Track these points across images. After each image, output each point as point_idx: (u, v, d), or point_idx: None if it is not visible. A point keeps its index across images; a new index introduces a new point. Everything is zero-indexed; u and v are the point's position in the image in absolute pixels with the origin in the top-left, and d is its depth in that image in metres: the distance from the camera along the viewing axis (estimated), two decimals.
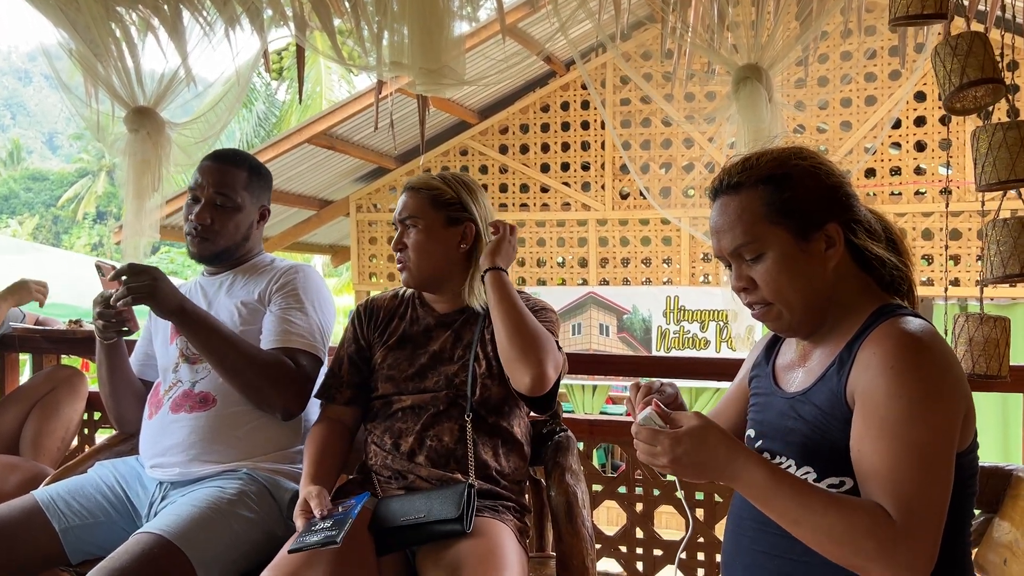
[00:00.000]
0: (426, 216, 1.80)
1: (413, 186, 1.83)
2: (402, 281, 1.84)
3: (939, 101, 6.69)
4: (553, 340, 1.71)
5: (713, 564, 2.26)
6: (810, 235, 1.23)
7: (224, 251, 2.02)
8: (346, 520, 1.49)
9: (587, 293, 7.59)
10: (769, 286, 1.24)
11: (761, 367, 1.42)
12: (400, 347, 1.83)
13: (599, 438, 2.47)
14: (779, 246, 1.23)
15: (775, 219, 1.23)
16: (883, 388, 1.12)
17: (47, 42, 11.25)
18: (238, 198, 2.00)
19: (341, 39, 2.79)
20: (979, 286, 1.88)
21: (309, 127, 7.11)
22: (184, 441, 1.85)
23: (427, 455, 1.72)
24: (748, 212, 1.24)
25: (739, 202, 1.25)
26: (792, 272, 1.23)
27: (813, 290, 1.24)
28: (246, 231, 2.05)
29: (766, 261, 1.23)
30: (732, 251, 1.26)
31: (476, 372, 1.75)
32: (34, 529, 1.77)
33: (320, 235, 9.44)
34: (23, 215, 30.72)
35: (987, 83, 1.67)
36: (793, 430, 1.26)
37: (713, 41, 2.49)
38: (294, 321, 1.91)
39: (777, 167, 1.25)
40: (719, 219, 1.27)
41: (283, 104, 16.47)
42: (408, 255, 1.81)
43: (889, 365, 1.13)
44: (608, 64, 7.40)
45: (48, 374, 2.69)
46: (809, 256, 1.23)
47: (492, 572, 1.47)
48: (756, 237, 1.23)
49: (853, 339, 1.22)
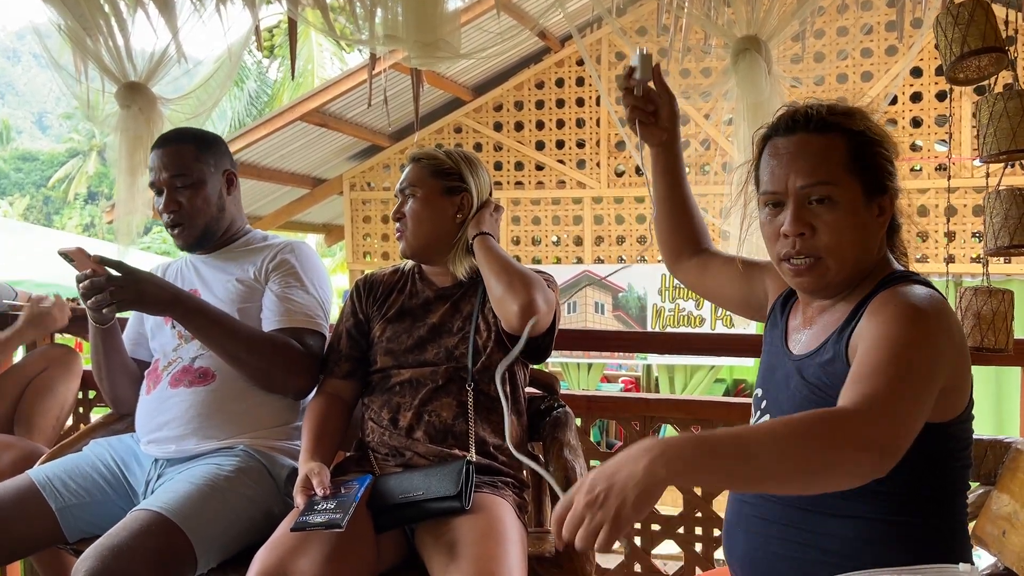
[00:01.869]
0: (424, 185, 1.82)
1: (416, 156, 1.86)
2: (400, 251, 1.85)
3: (935, 77, 6.66)
4: (544, 282, 1.73)
5: (711, 539, 2.27)
6: (874, 197, 1.23)
7: (206, 230, 1.98)
8: (350, 503, 1.49)
9: (582, 271, 7.58)
10: (832, 236, 1.21)
11: (776, 319, 1.41)
12: (399, 320, 1.83)
13: (597, 414, 2.47)
14: (851, 197, 1.21)
15: (855, 169, 1.21)
16: (879, 321, 1.13)
17: (36, 20, 11.16)
18: (194, 172, 1.94)
19: (333, 15, 2.75)
20: (984, 260, 1.87)
21: (302, 104, 7.05)
22: (182, 416, 1.84)
23: (425, 431, 1.71)
24: (834, 153, 1.21)
25: (825, 142, 1.22)
26: (857, 228, 1.22)
27: (865, 250, 1.24)
28: (218, 202, 1.99)
29: (836, 209, 1.20)
30: (802, 187, 1.21)
31: (477, 344, 1.75)
32: (30, 509, 1.76)
33: (313, 214, 9.40)
34: (13, 196, 30.52)
35: (989, 52, 1.65)
36: (795, 391, 1.26)
37: (710, 15, 2.46)
38: (296, 299, 1.90)
39: (866, 121, 1.24)
40: (796, 153, 1.23)
41: (275, 82, 16.34)
42: (406, 224, 1.82)
43: (890, 309, 1.14)
44: (603, 40, 7.35)
45: (42, 353, 2.67)
46: (870, 217, 1.23)
47: (492, 548, 1.47)
48: (834, 180, 1.20)
49: (860, 303, 1.22)
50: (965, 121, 6.33)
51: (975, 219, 6.55)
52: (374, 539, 1.58)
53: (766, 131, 1.30)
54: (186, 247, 2.01)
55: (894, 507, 1.17)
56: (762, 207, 1.29)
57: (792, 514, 1.22)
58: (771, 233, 1.27)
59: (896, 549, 1.17)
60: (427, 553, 1.56)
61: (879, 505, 1.17)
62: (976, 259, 6.39)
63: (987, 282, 1.80)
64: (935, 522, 1.18)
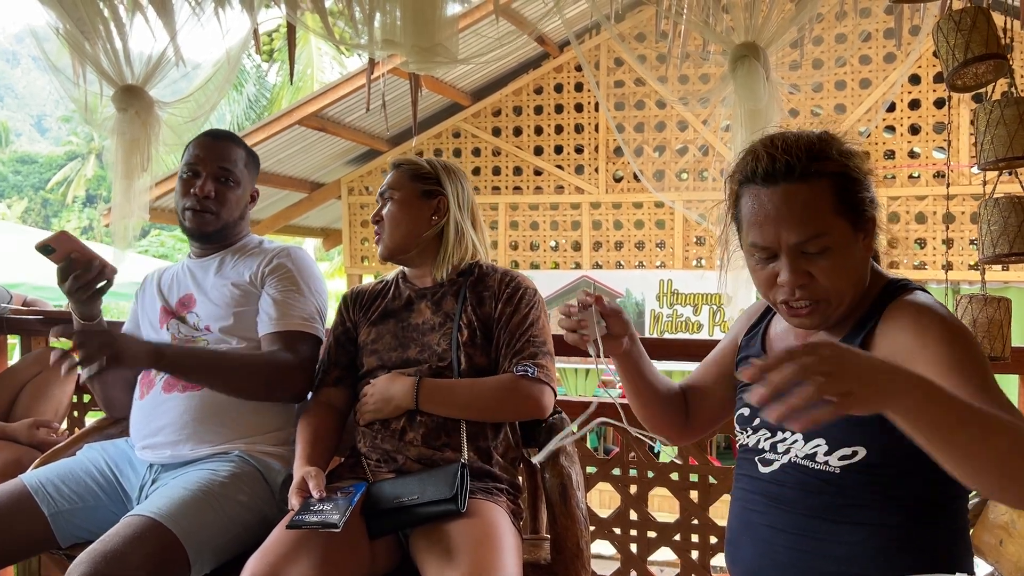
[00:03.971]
0: (402, 188, 1.86)
1: (397, 163, 1.91)
2: (378, 254, 1.89)
3: (934, 84, 6.67)
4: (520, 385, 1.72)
5: (707, 546, 2.26)
6: (860, 227, 1.21)
7: (223, 228, 2.01)
8: (347, 506, 1.48)
9: (580, 277, 7.58)
10: (832, 280, 1.18)
11: (751, 348, 1.41)
12: (383, 321, 1.85)
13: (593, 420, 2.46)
14: (842, 239, 1.19)
15: (842, 211, 1.19)
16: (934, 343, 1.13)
17: (34, 23, 11.17)
18: (239, 175, 2.00)
19: (332, 20, 2.75)
20: (980, 267, 1.86)
21: (300, 108, 7.05)
22: (177, 421, 1.83)
23: (417, 431, 1.71)
24: (820, 202, 1.17)
25: (810, 191, 1.18)
26: (851, 265, 1.20)
27: (861, 281, 1.24)
28: (242, 210, 2.05)
29: (831, 256, 1.18)
30: (796, 244, 1.17)
31: (459, 341, 1.76)
32: (23, 514, 1.75)
33: (311, 218, 9.40)
34: (11, 198, 30.49)
35: (990, 59, 1.65)
36: None
37: (709, 21, 2.47)
38: (292, 304, 1.90)
39: (847, 156, 1.21)
40: (783, 207, 1.18)
41: (274, 86, 16.35)
42: (383, 227, 1.86)
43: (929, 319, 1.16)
44: (602, 46, 7.36)
45: (37, 356, 2.66)
46: (859, 248, 1.22)
47: (487, 554, 1.46)
48: (825, 230, 1.17)
49: (866, 315, 1.23)
50: (963, 128, 6.34)
51: (973, 226, 6.55)
52: (368, 545, 1.57)
53: (742, 177, 1.25)
54: (198, 234, 2.00)
55: (903, 514, 1.17)
56: (749, 254, 1.25)
57: (800, 522, 1.22)
58: (764, 280, 1.24)
59: (903, 556, 1.16)
60: (421, 559, 1.55)
61: (889, 512, 1.17)
62: (974, 266, 6.39)
63: (984, 290, 1.80)
64: (940, 529, 1.18)
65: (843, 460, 1.18)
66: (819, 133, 1.24)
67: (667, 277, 7.34)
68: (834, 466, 1.19)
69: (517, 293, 1.80)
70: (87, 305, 1.89)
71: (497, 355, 1.77)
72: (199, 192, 1.94)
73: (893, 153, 6.81)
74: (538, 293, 1.85)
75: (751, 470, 1.32)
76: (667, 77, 5.79)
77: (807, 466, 1.22)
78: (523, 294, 1.80)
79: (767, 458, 1.29)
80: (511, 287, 1.81)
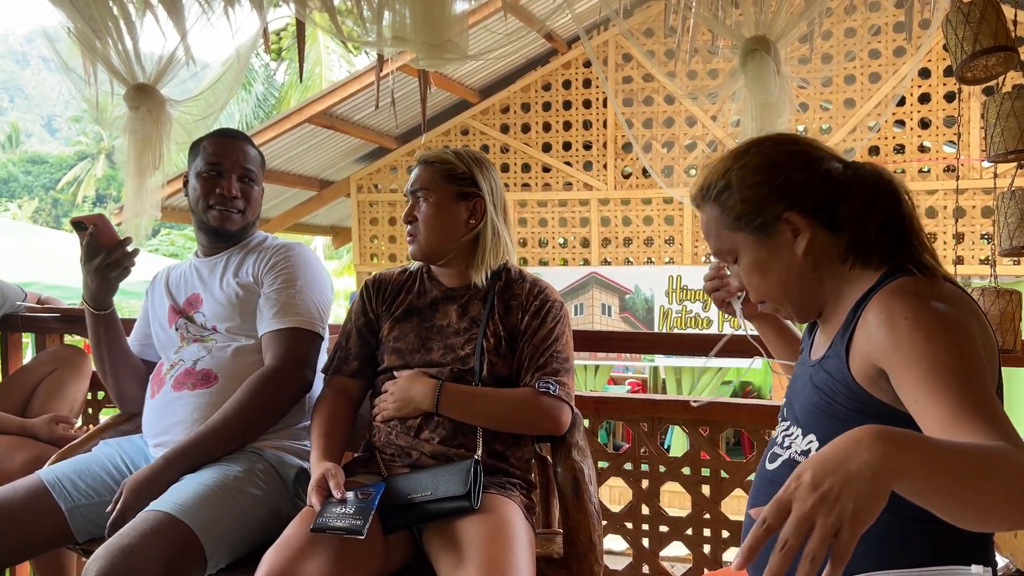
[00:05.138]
0: (437, 189, 1.80)
1: (427, 159, 1.84)
2: (409, 253, 1.85)
3: (944, 78, 6.62)
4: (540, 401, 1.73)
5: (719, 540, 2.27)
6: (769, 231, 1.25)
7: (245, 227, 2.05)
8: (369, 511, 1.48)
9: (589, 273, 7.58)
10: (751, 286, 1.30)
11: (806, 339, 1.42)
12: (407, 319, 1.83)
13: (605, 415, 2.47)
14: (746, 250, 1.28)
15: (733, 227, 1.27)
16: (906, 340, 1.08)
17: (46, 23, 11.29)
18: (257, 173, 2.05)
19: (341, 18, 2.75)
20: (991, 260, 1.86)
21: (309, 107, 7.07)
22: (187, 419, 1.85)
23: (433, 429, 1.72)
24: (713, 224, 1.31)
25: (705, 216, 1.33)
26: (763, 271, 1.27)
27: (791, 280, 1.26)
28: (258, 210, 2.08)
29: (747, 266, 1.29)
30: (716, 258, 1.36)
31: (484, 348, 1.75)
32: (40, 510, 1.76)
33: (321, 216, 9.42)
34: (22, 198, 30.66)
35: (1000, 51, 1.64)
36: (807, 398, 1.25)
37: (718, 16, 2.46)
38: (289, 301, 1.90)
39: (719, 178, 1.29)
40: (703, 227, 1.36)
41: (282, 85, 16.38)
42: (418, 227, 1.81)
43: (903, 316, 1.09)
44: (610, 42, 7.35)
45: (51, 354, 2.68)
46: (778, 250, 1.25)
47: (501, 550, 1.47)
48: (723, 246, 1.30)
49: (856, 304, 1.21)
50: (974, 122, 6.31)
51: (984, 220, 6.52)
52: (383, 540, 1.58)
53: None
54: (224, 234, 2.02)
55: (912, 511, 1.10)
56: None
57: None
58: None
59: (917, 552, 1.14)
60: (435, 554, 1.56)
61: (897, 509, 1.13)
62: (984, 261, 6.36)
63: (995, 283, 1.79)
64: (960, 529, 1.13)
65: None
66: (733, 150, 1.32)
67: (676, 273, 7.33)
68: None
69: (544, 307, 1.79)
70: (107, 288, 1.94)
71: (519, 367, 1.77)
72: (227, 192, 1.97)
73: (903, 148, 6.79)
74: (564, 307, 1.84)
75: (763, 465, 1.32)
76: (676, 72, 5.78)
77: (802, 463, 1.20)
78: (550, 308, 1.80)
79: (775, 452, 1.29)
80: (539, 299, 1.80)
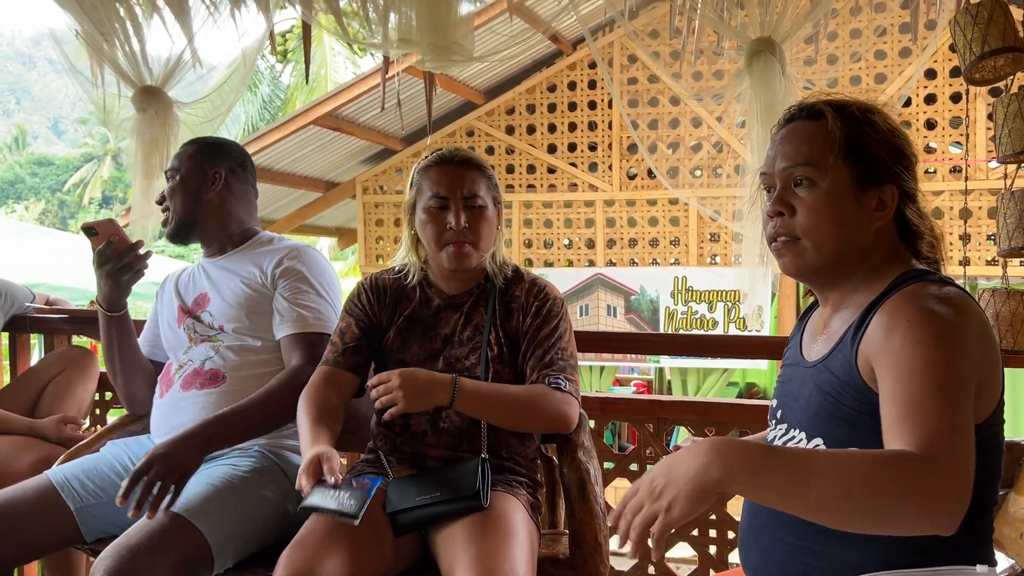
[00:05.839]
0: (487, 195, 1.77)
1: (474, 162, 1.78)
2: (459, 263, 1.74)
3: (950, 79, 6.60)
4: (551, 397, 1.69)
5: (725, 540, 2.26)
6: (868, 187, 1.21)
7: (180, 227, 2.03)
8: (364, 498, 1.45)
9: (594, 274, 7.57)
10: (809, 217, 1.20)
11: (793, 339, 1.40)
12: (409, 329, 1.79)
13: (611, 416, 2.47)
14: (836, 182, 1.20)
15: (845, 155, 1.20)
16: (899, 338, 1.09)
17: (53, 25, 11.30)
18: (180, 169, 2.03)
19: (347, 20, 2.76)
20: (1002, 261, 1.86)
21: (315, 108, 7.08)
22: (196, 418, 1.84)
23: (439, 436, 1.71)
24: (821, 138, 1.21)
25: (815, 128, 1.22)
26: (837, 213, 1.20)
27: (848, 240, 1.21)
28: (193, 200, 2.01)
29: (816, 192, 1.20)
30: (785, 168, 1.23)
31: (488, 356, 1.73)
32: (49, 509, 1.78)
33: (326, 217, 9.43)
34: (29, 200, 30.73)
35: (1009, 52, 1.64)
36: (809, 400, 1.23)
37: (723, 17, 2.46)
38: (307, 305, 1.91)
39: (867, 110, 1.23)
40: (784, 139, 1.25)
41: (288, 87, 16.40)
42: (475, 233, 1.73)
43: (906, 319, 1.10)
44: (615, 43, 7.34)
45: (59, 355, 2.69)
46: (860, 206, 1.21)
47: (496, 543, 1.47)
48: (817, 162, 1.20)
49: (872, 304, 1.19)
50: (980, 123, 6.29)
51: (990, 221, 6.50)
52: (393, 541, 1.58)
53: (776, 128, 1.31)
54: (170, 239, 2.09)
55: None
56: (763, 193, 1.30)
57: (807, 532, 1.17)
58: (764, 217, 1.28)
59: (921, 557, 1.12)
60: (437, 551, 1.58)
61: None
62: (991, 261, 6.34)
63: (1006, 283, 1.79)
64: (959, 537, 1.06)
65: None
66: (865, 100, 1.26)
67: (682, 274, 7.32)
68: None
69: (545, 306, 1.77)
70: (120, 291, 1.95)
71: (523, 368, 1.75)
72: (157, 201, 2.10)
73: None
74: (564, 303, 1.82)
75: None
76: (681, 74, 5.78)
77: None
78: (551, 306, 1.77)
79: None
80: (539, 299, 1.78)
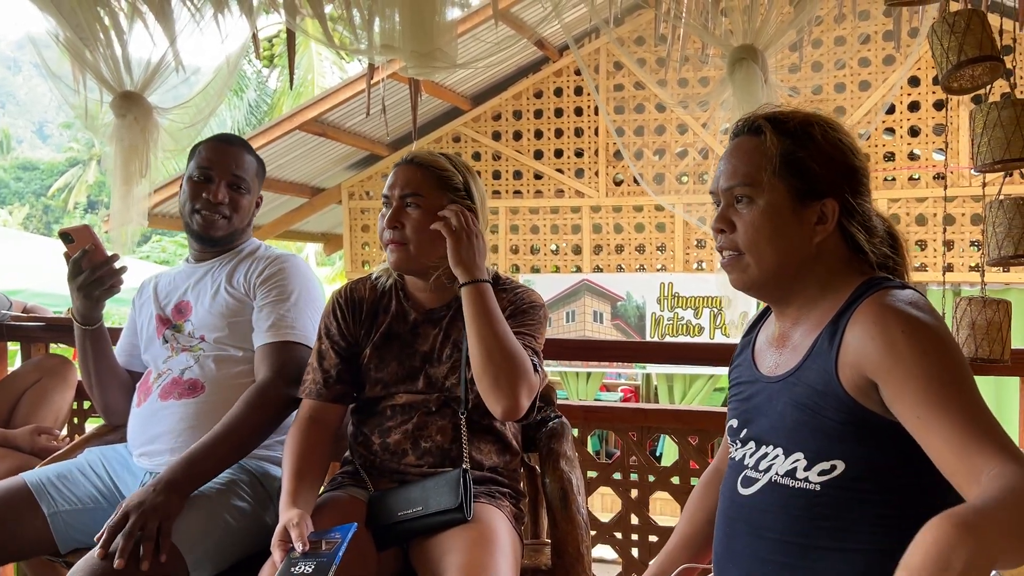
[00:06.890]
0: (431, 196, 1.66)
1: (419, 161, 1.69)
2: (391, 263, 1.69)
3: (933, 86, 6.66)
4: (529, 363, 1.58)
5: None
6: (807, 202, 1.22)
7: (231, 234, 2.01)
8: (329, 565, 1.37)
9: (581, 280, 7.58)
10: (748, 234, 1.23)
11: (742, 355, 1.39)
12: (386, 346, 1.72)
13: (594, 424, 2.46)
14: (773, 199, 1.22)
15: (780, 171, 1.22)
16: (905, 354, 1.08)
17: (34, 30, 11.24)
18: (250, 182, 2.01)
19: (332, 25, 2.75)
20: (980, 269, 1.86)
21: (300, 113, 7.06)
22: (174, 428, 1.83)
23: (419, 455, 1.67)
24: (758, 156, 1.23)
25: (754, 145, 1.24)
26: (775, 228, 1.22)
27: (789, 255, 1.22)
28: (250, 218, 2.05)
29: (754, 208, 1.23)
30: (727, 188, 1.25)
31: (466, 377, 1.65)
32: (23, 511, 1.74)
33: (312, 223, 9.40)
34: (13, 205, 30.51)
35: (985, 61, 1.65)
36: (783, 415, 1.21)
37: (707, 25, 2.47)
38: (286, 314, 1.88)
39: (805, 125, 1.24)
40: (728, 156, 1.28)
41: (274, 92, 16.37)
42: (407, 235, 1.65)
43: (900, 330, 1.10)
44: (601, 50, 7.36)
45: (37, 363, 2.67)
46: (798, 221, 1.22)
47: (480, 555, 1.45)
48: (755, 181, 1.23)
49: (839, 313, 1.19)
50: (963, 130, 6.33)
51: (973, 228, 6.55)
52: (375, 556, 1.56)
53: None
54: (208, 239, 1.99)
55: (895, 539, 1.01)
56: None
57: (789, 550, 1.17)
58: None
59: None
60: (419, 564, 1.56)
61: (879, 537, 1.11)
62: (974, 268, 6.38)
63: (984, 292, 1.79)
64: None
65: (823, 475, 1.14)
66: (815, 112, 1.28)
67: (668, 280, 7.33)
68: (814, 482, 1.15)
69: (522, 307, 1.71)
70: (92, 305, 1.92)
71: None
72: (213, 198, 1.93)
73: (893, 155, 6.81)
74: (545, 310, 1.76)
75: (733, 490, 1.27)
76: (666, 80, 5.80)
77: (788, 485, 1.18)
78: (530, 308, 1.71)
79: (749, 476, 1.24)
80: (514, 303, 1.71)
